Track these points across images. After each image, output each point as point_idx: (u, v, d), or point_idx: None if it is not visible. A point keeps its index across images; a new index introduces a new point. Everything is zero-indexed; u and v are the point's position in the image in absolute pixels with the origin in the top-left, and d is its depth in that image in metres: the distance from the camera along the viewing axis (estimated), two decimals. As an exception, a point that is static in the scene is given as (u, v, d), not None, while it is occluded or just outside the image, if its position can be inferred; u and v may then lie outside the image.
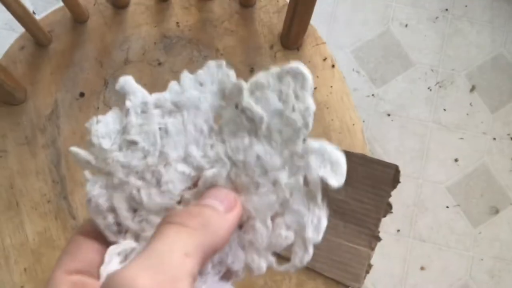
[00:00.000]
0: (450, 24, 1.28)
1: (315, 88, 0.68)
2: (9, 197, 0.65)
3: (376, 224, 0.62)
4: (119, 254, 0.30)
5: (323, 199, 0.30)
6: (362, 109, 1.24)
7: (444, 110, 1.25)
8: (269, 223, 0.30)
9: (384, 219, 0.64)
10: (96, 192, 0.31)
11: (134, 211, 0.31)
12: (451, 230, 1.21)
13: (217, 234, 0.28)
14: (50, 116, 0.67)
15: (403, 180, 1.22)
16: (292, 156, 0.30)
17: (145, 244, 0.28)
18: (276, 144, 0.30)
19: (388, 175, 0.63)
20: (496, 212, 1.21)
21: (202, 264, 0.27)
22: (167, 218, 0.28)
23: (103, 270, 0.29)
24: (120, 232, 0.31)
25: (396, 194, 1.21)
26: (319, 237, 0.30)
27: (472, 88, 1.25)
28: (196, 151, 0.31)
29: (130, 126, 0.31)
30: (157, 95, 0.32)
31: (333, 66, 0.69)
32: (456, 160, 1.23)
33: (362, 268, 0.62)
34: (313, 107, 0.30)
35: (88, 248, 0.30)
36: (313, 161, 0.30)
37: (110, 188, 0.31)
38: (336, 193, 0.64)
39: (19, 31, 0.68)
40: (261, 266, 0.30)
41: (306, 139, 0.30)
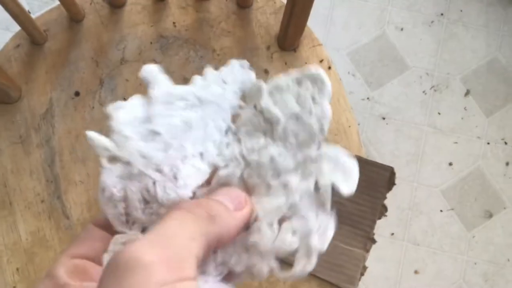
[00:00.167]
0: (446, 28, 1.29)
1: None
2: (2, 196, 0.65)
3: (371, 226, 0.62)
4: (123, 244, 0.29)
5: (333, 208, 0.30)
6: (357, 112, 1.24)
7: (439, 114, 1.25)
8: (275, 226, 0.30)
9: (379, 222, 0.63)
10: (111, 181, 0.30)
11: (146, 203, 0.30)
12: (445, 233, 1.21)
13: (222, 227, 0.28)
14: (45, 115, 0.67)
15: (398, 183, 1.22)
16: (306, 160, 0.30)
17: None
18: (290, 147, 0.30)
19: (383, 177, 0.63)
20: (490, 216, 1.22)
21: (205, 252, 0.27)
22: (176, 206, 0.29)
23: (106, 258, 0.29)
24: (127, 223, 0.30)
25: (391, 198, 1.21)
26: (324, 246, 0.30)
27: (467, 92, 1.26)
28: (212, 148, 0.31)
29: (155, 116, 0.30)
30: (182, 87, 0.32)
31: (329, 68, 0.69)
32: (450, 164, 1.23)
33: (356, 270, 0.62)
34: (330, 113, 0.30)
35: (97, 236, 0.31)
36: (326, 166, 0.30)
37: (126, 178, 0.30)
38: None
39: (14, 30, 0.68)
40: (262, 270, 0.30)
41: (321, 144, 0.30)
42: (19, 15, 0.62)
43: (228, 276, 0.30)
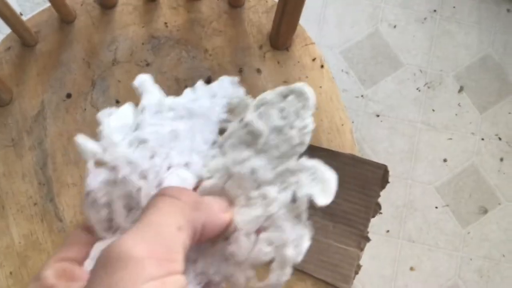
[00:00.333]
0: (439, 25, 1.29)
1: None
2: (-6, 199, 0.65)
3: (365, 225, 0.62)
4: None
5: (309, 219, 0.31)
6: (351, 110, 1.24)
7: (433, 110, 1.25)
8: (252, 236, 0.31)
9: (374, 220, 0.63)
10: (96, 186, 0.30)
11: (129, 209, 0.31)
12: (440, 230, 1.21)
13: (207, 216, 0.28)
14: (37, 117, 0.66)
15: (392, 181, 1.22)
16: (285, 172, 0.31)
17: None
18: (272, 159, 0.31)
19: (377, 175, 0.63)
20: (485, 212, 1.22)
21: (192, 241, 0.27)
22: (160, 191, 0.29)
23: (88, 264, 0.29)
24: (110, 229, 0.31)
25: (386, 195, 1.21)
26: (299, 258, 0.31)
27: (461, 89, 1.26)
28: (198, 160, 0.32)
29: (144, 124, 0.31)
30: (172, 98, 0.33)
31: (322, 67, 0.69)
32: (445, 160, 1.23)
33: (351, 269, 0.62)
34: (311, 126, 0.32)
35: (85, 240, 0.31)
36: (304, 179, 0.31)
37: (111, 184, 0.30)
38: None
39: (4, 32, 0.67)
40: (239, 280, 0.30)
41: (300, 157, 0.31)
42: (9, 17, 0.62)
43: (207, 285, 0.31)
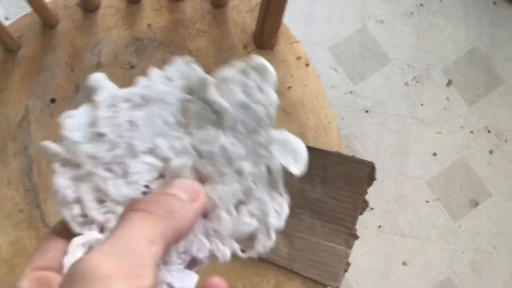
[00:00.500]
0: (425, 20, 1.29)
1: (289, 87, 0.68)
2: (-20, 207, 0.64)
3: (353, 222, 0.62)
4: (83, 245, 0.30)
5: (285, 188, 0.32)
6: (340, 106, 1.24)
7: (422, 105, 1.25)
8: (233, 211, 0.32)
9: (365, 215, 0.64)
10: (63, 183, 0.31)
11: (101, 202, 0.31)
12: (432, 224, 1.21)
13: (181, 222, 0.28)
14: (21, 123, 0.66)
15: (383, 176, 1.22)
16: (256, 146, 0.32)
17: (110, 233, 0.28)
18: (240, 135, 0.32)
19: (364, 172, 0.63)
20: (475, 205, 1.23)
21: (165, 251, 0.27)
22: (131, 205, 0.28)
23: (66, 261, 0.29)
24: (85, 224, 0.31)
25: (377, 191, 1.22)
26: (282, 223, 0.32)
27: (449, 83, 1.26)
28: (163, 143, 0.32)
29: (99, 119, 0.32)
30: (126, 89, 0.33)
31: (307, 65, 0.69)
32: (434, 154, 1.24)
33: (340, 267, 0.62)
34: (275, 99, 0.32)
35: (58, 246, 0.30)
36: (275, 150, 0.32)
37: (78, 180, 0.31)
38: (313, 192, 0.63)
39: (-14, 37, 0.66)
40: (225, 253, 0.31)
41: (269, 130, 0.32)
42: (-11, 23, 0.61)
43: (192, 263, 0.32)
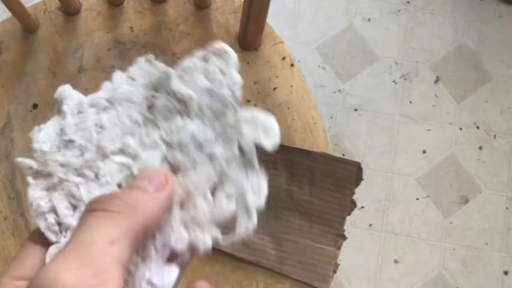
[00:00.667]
0: (412, 17, 1.29)
1: (275, 88, 0.67)
2: (-37, 216, 0.63)
3: (342, 223, 0.62)
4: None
5: (260, 165, 0.31)
6: (329, 105, 1.24)
7: (410, 102, 1.25)
8: (209, 196, 0.31)
9: (356, 214, 0.64)
10: (37, 194, 0.31)
11: (74, 208, 0.31)
12: (422, 221, 1.21)
13: (146, 214, 0.27)
14: (3, 130, 0.65)
15: (373, 174, 1.22)
16: (225, 129, 0.32)
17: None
18: (208, 120, 0.32)
19: (351, 172, 0.62)
20: (466, 201, 1.23)
21: (133, 248, 0.26)
22: (88, 206, 0.27)
23: None
24: (61, 232, 0.31)
25: (367, 189, 1.22)
26: (262, 201, 0.31)
27: (437, 79, 1.26)
28: (132, 141, 0.32)
29: (67, 127, 0.32)
30: (91, 95, 0.33)
31: (292, 65, 0.68)
32: (424, 151, 1.24)
33: (329, 268, 0.61)
34: (239, 80, 0.32)
35: (36, 254, 0.30)
36: (245, 129, 0.32)
37: (51, 189, 0.31)
38: (300, 193, 0.63)
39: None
40: (206, 241, 0.30)
41: (237, 110, 0.32)
42: (-32, 29, 0.60)
43: (172, 256, 0.30)
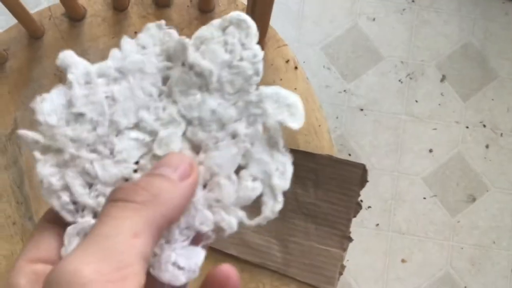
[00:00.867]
0: (418, 15, 1.28)
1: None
2: (-27, 221, 0.64)
3: (347, 225, 0.62)
4: (78, 234, 0.28)
5: (285, 146, 0.30)
6: (335, 105, 1.24)
7: (416, 101, 1.25)
8: (233, 177, 0.29)
9: (363, 214, 0.64)
10: (47, 171, 0.29)
11: (90, 186, 0.29)
12: (429, 221, 1.21)
13: (170, 205, 0.26)
14: (10, 135, 0.66)
15: (379, 174, 1.22)
16: (247, 106, 0.30)
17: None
18: (229, 96, 0.30)
19: (356, 174, 0.62)
20: (473, 200, 1.22)
21: (156, 240, 0.26)
22: (111, 195, 0.26)
23: (64, 253, 0.28)
24: (77, 211, 0.29)
25: (374, 189, 1.22)
26: (287, 183, 0.30)
27: (443, 78, 1.26)
28: (147, 116, 0.30)
29: (75, 98, 0.30)
30: (99, 64, 0.31)
31: (296, 68, 0.68)
32: (430, 150, 1.23)
33: (335, 270, 0.61)
34: (260, 54, 0.30)
35: (52, 234, 0.28)
36: (269, 107, 0.30)
37: (62, 166, 0.29)
38: (305, 196, 0.63)
39: (-27, 51, 0.66)
40: (231, 223, 0.29)
41: (258, 86, 0.30)
42: (-25, 37, 0.61)
43: (197, 239, 0.29)
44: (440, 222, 1.21)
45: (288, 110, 0.30)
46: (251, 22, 0.31)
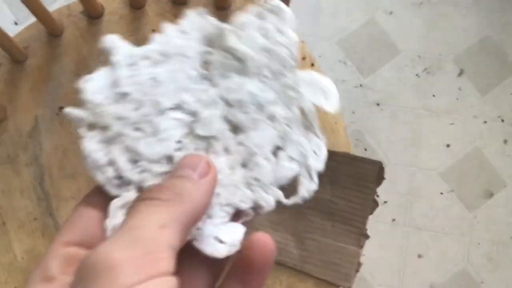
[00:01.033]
0: (435, 9, 1.27)
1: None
2: (-5, 217, 0.65)
3: (364, 222, 0.62)
4: (122, 207, 0.30)
5: (320, 128, 0.32)
6: (351, 100, 1.24)
7: (433, 96, 1.24)
8: (271, 157, 0.31)
9: (380, 209, 0.64)
10: (93, 147, 0.30)
11: (134, 162, 0.31)
12: (446, 216, 1.21)
13: (192, 202, 0.28)
14: (31, 133, 0.67)
15: (396, 169, 1.22)
16: (284, 89, 0.31)
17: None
18: (267, 80, 0.31)
19: (372, 172, 0.63)
20: (490, 195, 1.21)
21: (183, 235, 0.27)
22: (139, 196, 0.28)
23: (108, 224, 0.29)
24: (122, 186, 0.31)
25: (390, 184, 1.21)
26: (322, 164, 0.32)
27: (460, 72, 1.25)
28: (189, 97, 0.32)
29: (120, 78, 0.31)
30: (143, 47, 0.32)
31: (312, 65, 0.68)
32: (448, 145, 1.23)
33: (351, 267, 0.62)
34: (296, 39, 0.32)
35: (89, 218, 0.29)
36: (305, 90, 0.31)
37: (107, 142, 0.31)
38: (322, 193, 0.63)
39: (-6, 49, 0.67)
40: (269, 201, 0.31)
41: (295, 71, 0.31)
42: (-4, 36, 0.62)
43: (236, 216, 0.31)
44: (457, 218, 1.21)
45: (323, 94, 0.31)
46: (288, 9, 0.32)
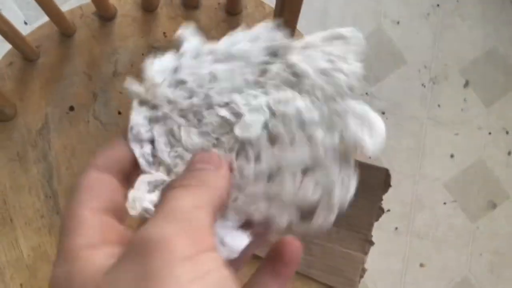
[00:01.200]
0: (442, 20, 1.28)
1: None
2: (2, 213, 0.66)
3: (369, 229, 0.63)
4: (148, 184, 0.30)
5: (355, 163, 0.30)
6: (356, 108, 1.24)
7: (439, 106, 1.25)
8: (298, 177, 0.30)
9: (382, 217, 0.64)
10: (139, 121, 0.32)
11: (171, 146, 0.32)
12: (449, 226, 1.21)
13: (217, 188, 0.28)
14: (41, 131, 0.67)
15: (400, 178, 1.22)
16: (331, 114, 0.31)
17: (174, 178, 0.29)
18: (317, 101, 0.31)
19: (379, 179, 0.63)
20: (493, 206, 1.22)
21: (214, 218, 0.27)
22: (170, 184, 0.28)
23: (131, 195, 0.29)
24: (153, 164, 0.32)
25: (393, 192, 1.21)
26: (346, 199, 0.30)
27: (466, 83, 1.25)
28: (239, 99, 0.32)
29: (182, 66, 0.32)
30: (211, 44, 0.33)
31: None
32: (452, 156, 1.23)
33: (356, 273, 0.62)
34: (359, 70, 0.31)
35: (109, 185, 0.29)
36: (351, 121, 0.30)
37: (153, 121, 0.32)
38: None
39: (8, 47, 0.68)
40: (282, 220, 0.30)
41: (347, 100, 0.31)
42: (8, 33, 0.62)
43: (245, 225, 0.31)
44: (460, 228, 1.21)
45: (369, 131, 0.30)
46: (360, 39, 0.32)
